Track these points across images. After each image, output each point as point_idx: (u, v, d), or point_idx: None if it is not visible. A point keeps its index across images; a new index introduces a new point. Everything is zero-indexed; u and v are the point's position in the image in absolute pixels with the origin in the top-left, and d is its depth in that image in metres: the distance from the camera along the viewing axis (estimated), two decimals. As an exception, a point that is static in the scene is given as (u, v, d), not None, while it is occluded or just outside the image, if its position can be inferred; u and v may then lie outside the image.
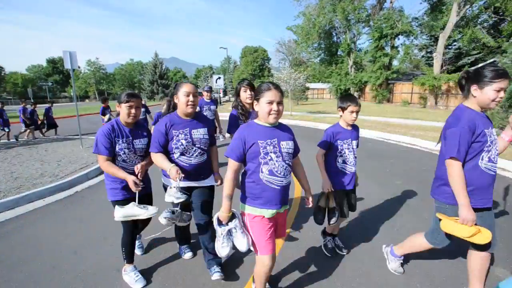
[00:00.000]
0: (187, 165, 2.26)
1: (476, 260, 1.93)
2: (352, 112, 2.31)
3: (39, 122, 10.62)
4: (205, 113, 6.05)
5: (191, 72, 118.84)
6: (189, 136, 2.24)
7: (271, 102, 1.71)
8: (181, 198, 2.08)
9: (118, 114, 2.31)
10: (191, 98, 2.17)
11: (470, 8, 21.04)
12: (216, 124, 6.19)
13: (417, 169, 5.54)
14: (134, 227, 2.35)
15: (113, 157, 2.21)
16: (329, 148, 2.42)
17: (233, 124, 2.64)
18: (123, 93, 2.23)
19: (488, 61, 19.16)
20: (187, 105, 2.18)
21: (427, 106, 20.25)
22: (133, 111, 2.22)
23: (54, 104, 12.22)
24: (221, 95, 30.67)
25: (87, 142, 8.59)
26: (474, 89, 1.76)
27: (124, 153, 2.23)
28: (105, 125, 2.23)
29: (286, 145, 1.80)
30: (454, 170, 1.75)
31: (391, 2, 25.01)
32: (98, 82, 69.39)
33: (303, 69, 31.07)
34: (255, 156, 1.74)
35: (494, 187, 1.84)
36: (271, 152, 1.73)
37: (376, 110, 18.28)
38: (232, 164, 1.78)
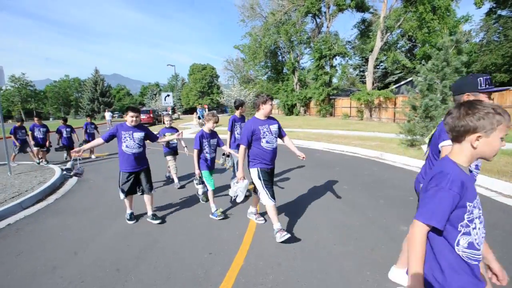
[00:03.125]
0: None
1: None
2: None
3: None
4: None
5: (136, 90, 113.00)
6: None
7: None
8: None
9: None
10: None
11: (390, 35, 24.65)
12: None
13: (360, 175, 6.18)
14: None
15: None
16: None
17: None
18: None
19: (407, 80, 22.46)
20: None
21: (364, 119, 22.61)
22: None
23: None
24: (170, 112, 29.81)
25: (19, 168, 7.57)
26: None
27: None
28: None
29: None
30: None
31: (327, 26, 27.85)
32: (24, 100, 61.66)
33: (252, 86, 32.17)
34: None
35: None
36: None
37: (321, 123, 19.76)
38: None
